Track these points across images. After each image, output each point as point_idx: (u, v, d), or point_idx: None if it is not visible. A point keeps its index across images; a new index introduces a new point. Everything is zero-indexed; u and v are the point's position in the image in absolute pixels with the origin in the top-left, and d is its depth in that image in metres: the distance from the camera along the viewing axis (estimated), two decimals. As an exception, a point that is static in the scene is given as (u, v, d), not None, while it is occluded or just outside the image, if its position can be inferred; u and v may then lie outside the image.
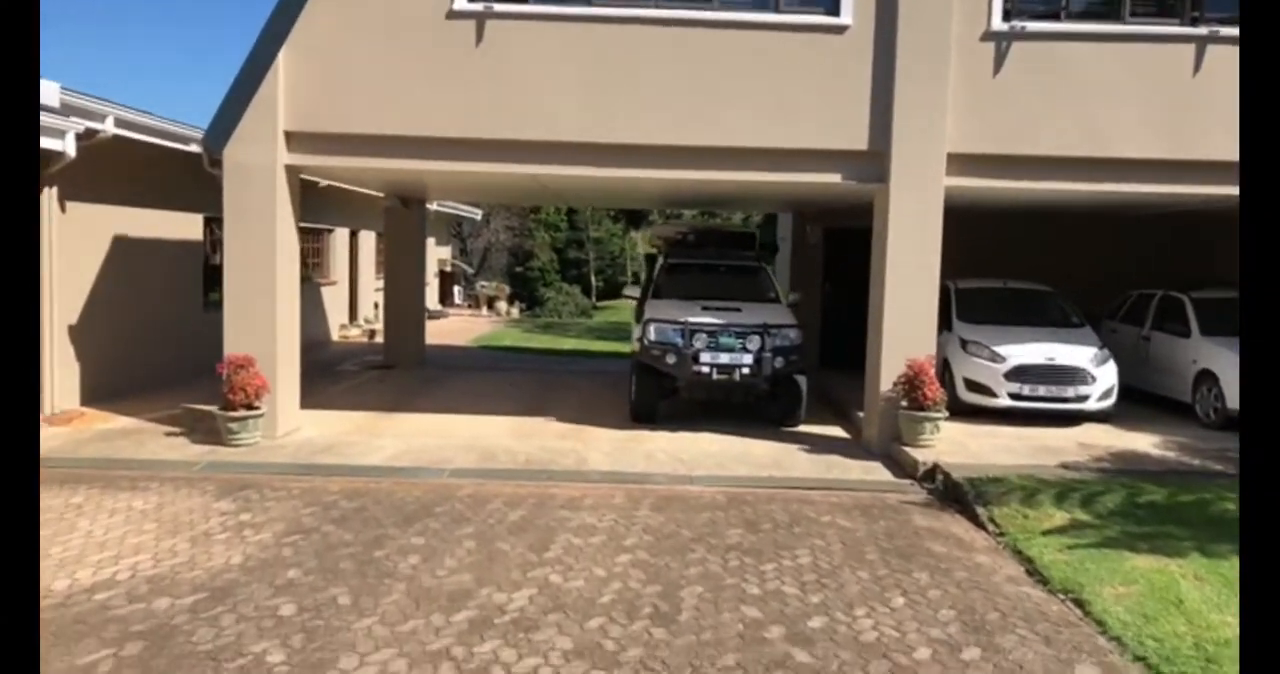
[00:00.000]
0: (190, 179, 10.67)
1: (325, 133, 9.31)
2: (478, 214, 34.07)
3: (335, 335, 19.18)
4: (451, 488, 7.75)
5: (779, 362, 10.00)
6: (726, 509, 7.34)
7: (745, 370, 9.93)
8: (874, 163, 9.40)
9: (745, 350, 10.00)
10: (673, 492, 7.85)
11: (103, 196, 10.84)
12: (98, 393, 10.68)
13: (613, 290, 64.78)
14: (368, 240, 21.20)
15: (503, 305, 29.34)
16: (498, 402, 11.95)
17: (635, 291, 11.65)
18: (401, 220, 15.24)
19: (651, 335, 10.17)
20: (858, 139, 9.30)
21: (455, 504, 7.25)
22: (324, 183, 15.82)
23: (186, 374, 11.96)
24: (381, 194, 15.52)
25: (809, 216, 15.00)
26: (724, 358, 9.94)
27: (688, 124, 9.22)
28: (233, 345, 9.25)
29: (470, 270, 34.34)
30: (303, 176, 13.38)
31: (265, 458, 8.56)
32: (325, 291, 18.65)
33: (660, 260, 11.81)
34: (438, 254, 27.91)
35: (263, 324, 9.31)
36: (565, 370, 15.66)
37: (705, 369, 9.92)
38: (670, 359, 9.97)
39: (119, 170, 11.06)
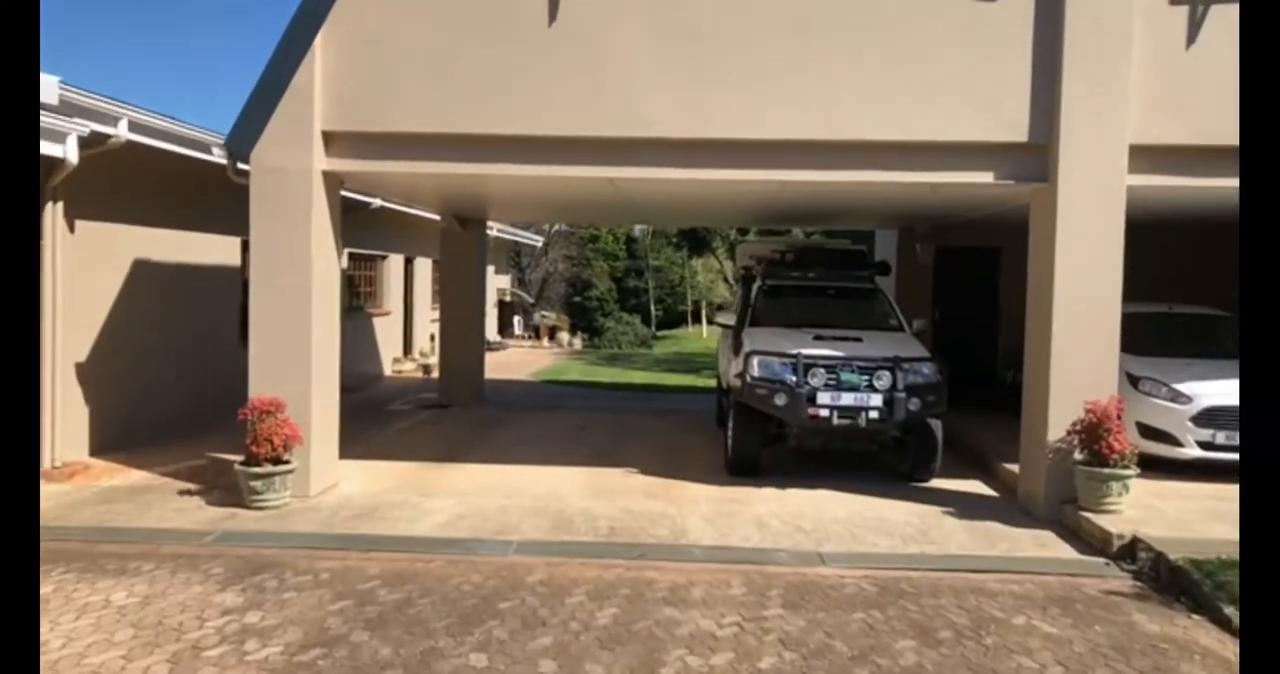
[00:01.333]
0: (226, 196, 9.27)
1: (370, 132, 7.83)
2: (538, 241, 32.80)
3: (389, 370, 17.77)
4: (519, 570, 6.07)
5: (914, 403, 8.18)
6: (883, 606, 5.54)
7: (873, 414, 8.13)
8: (1035, 157, 7.62)
9: (873, 389, 8.21)
10: (803, 577, 6.07)
11: (121, 215, 9.50)
12: (111, 441, 9.27)
13: (672, 320, 63.44)
14: (424, 268, 19.86)
15: (564, 336, 27.84)
16: (567, 448, 10.30)
17: (729, 319, 9.93)
18: (459, 244, 13.77)
19: (755, 371, 8.44)
20: (1015, 128, 7.53)
21: (526, 596, 5.57)
22: (376, 203, 14.50)
23: (219, 418, 10.48)
24: (437, 216, 14.09)
25: (919, 233, 13.18)
26: (847, 398, 8.16)
27: (802, 114, 7.55)
28: (259, 386, 7.75)
29: (530, 300, 32.99)
30: (349, 192, 12.05)
31: (292, 525, 6.99)
32: (378, 323, 17.28)
33: (757, 282, 10.10)
34: (497, 283, 26.58)
35: (295, 361, 7.80)
36: (639, 408, 13.97)
37: (824, 412, 8.15)
38: (780, 400, 8.23)
39: (140, 184, 9.73)
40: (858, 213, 11.79)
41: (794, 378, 8.27)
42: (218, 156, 9.33)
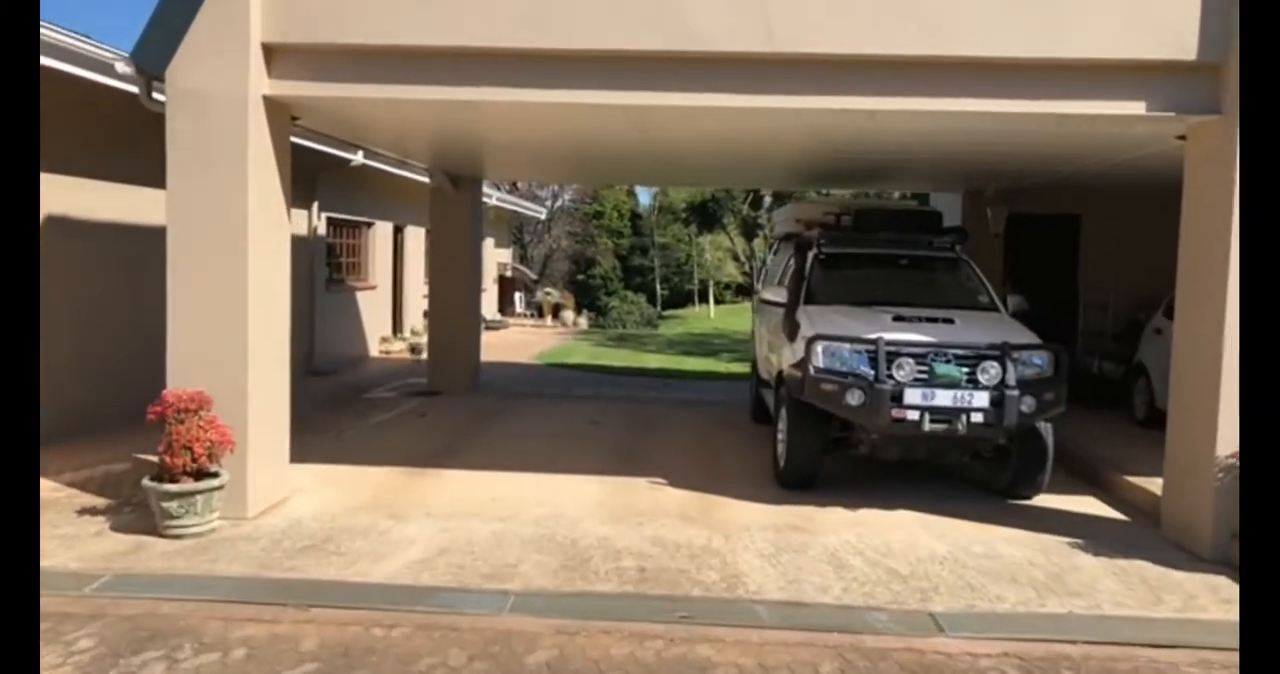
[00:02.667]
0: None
1: (326, 45, 5.98)
2: (541, 213, 30.93)
3: (375, 350, 15.97)
4: (518, 642, 4.29)
5: (1028, 404, 6.36)
6: (1054, 715, 3.77)
7: (977, 417, 6.32)
8: (1203, 81, 5.76)
9: (977, 386, 6.39)
10: (919, 654, 4.29)
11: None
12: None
13: (678, 299, 61.59)
14: (416, 238, 18.01)
15: (569, 315, 26.00)
16: (578, 448, 8.51)
17: (776, 294, 8.06)
18: (451, 207, 11.91)
19: (821, 361, 6.62)
20: (1179, 42, 5.67)
21: (527, 693, 3.80)
22: (357, 159, 12.64)
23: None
24: (426, 178, 12.23)
25: (988, 196, 11.31)
26: (943, 398, 6.34)
27: (904, 24, 5.70)
28: (179, 377, 5.96)
29: (533, 276, 31.14)
30: (325, 142, 10.21)
31: (214, 563, 5.21)
32: (362, 298, 15.46)
33: (811, 251, 8.25)
34: (497, 257, 24.72)
35: (226, 345, 5.98)
36: (658, 397, 12.16)
37: (912, 415, 6.33)
38: (854, 398, 6.41)
39: (61, 122, 7.88)
40: (923, 168, 9.89)
41: (873, 370, 6.45)
42: (120, 78, 7.31)
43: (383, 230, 16.34)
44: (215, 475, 5.71)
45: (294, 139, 11.22)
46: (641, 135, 7.37)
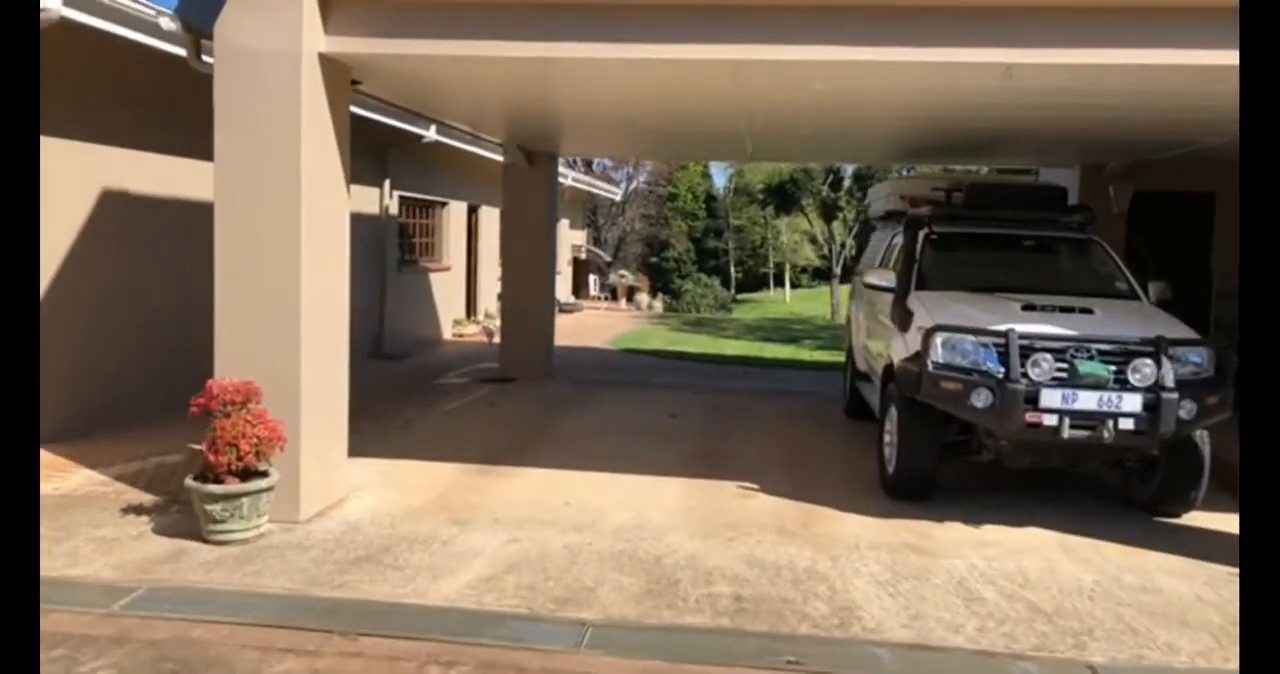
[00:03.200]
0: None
1: (387, -3, 5.35)
2: (616, 194, 30.33)
3: (448, 333, 15.53)
4: (597, 690, 3.63)
5: (1187, 409, 5.45)
6: None
7: (1127, 423, 5.43)
8: None
9: (1126, 387, 5.50)
10: (1087, 724, 3.50)
11: (79, 129, 7.24)
12: (81, 422, 7.11)
13: (752, 283, 60.50)
14: (490, 218, 17.47)
15: (644, 298, 25.34)
16: (657, 445, 7.83)
17: (881, 278, 7.21)
18: (525, 185, 11.28)
19: (941, 355, 5.79)
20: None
21: (609, 764, 3.12)
22: (430, 135, 12.12)
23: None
24: (500, 155, 11.63)
25: (1109, 172, 10.23)
26: (1087, 400, 5.46)
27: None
28: (228, 365, 5.43)
29: (607, 258, 30.56)
30: (392, 115, 9.69)
31: (258, 576, 4.66)
32: (435, 280, 15.00)
33: (923, 230, 7.38)
34: (572, 239, 24.16)
35: (276, 331, 5.43)
36: (741, 388, 11.40)
37: (1049, 419, 5.46)
38: (980, 399, 5.57)
39: (104, 89, 7.45)
40: (1040, 138, 8.82)
41: (1003, 367, 5.60)
42: (165, 39, 6.76)
43: (457, 210, 15.86)
44: (264, 475, 5.17)
45: (363, 111, 10.79)
46: (738, 98, 6.58)
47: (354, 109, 10.82)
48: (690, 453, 7.63)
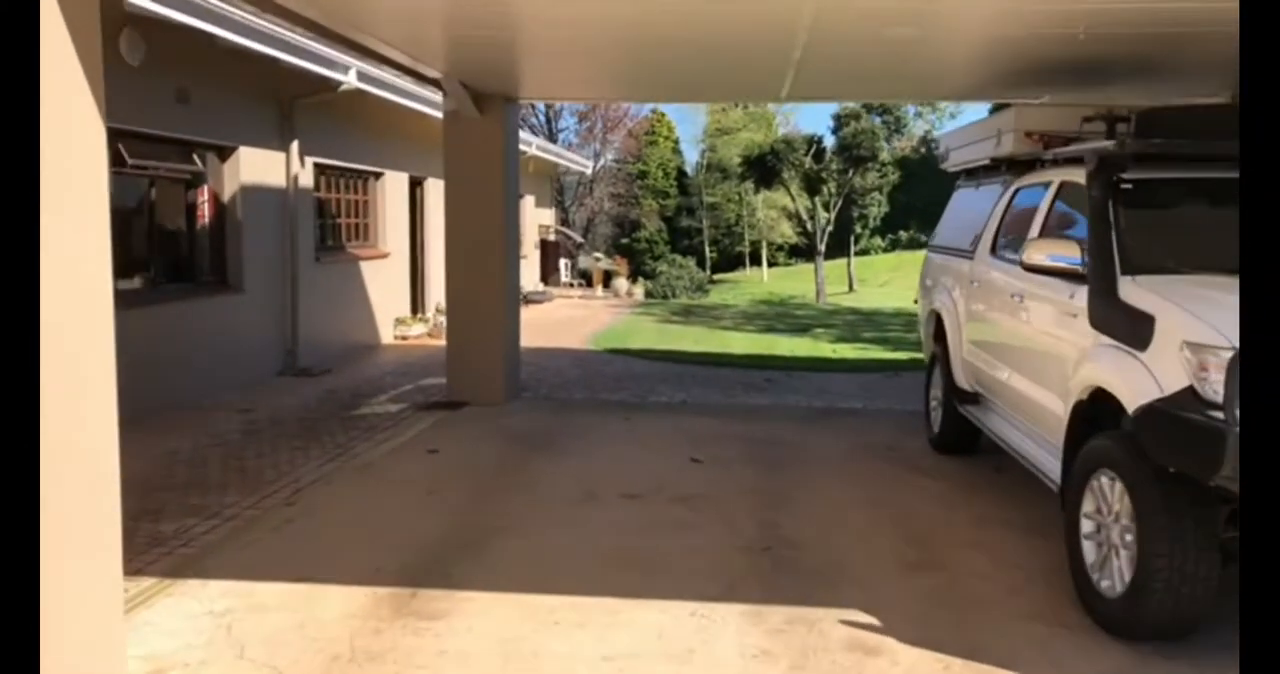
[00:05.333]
0: None
1: None
2: (587, 167, 27.39)
3: (388, 335, 12.57)
4: None
5: None
6: None
7: None
8: None
9: None
10: None
11: None
12: None
13: (728, 262, 57.78)
14: (439, 193, 14.34)
15: (622, 283, 22.38)
16: (683, 528, 5.00)
17: (1057, 253, 4.35)
18: (474, 140, 8.31)
19: (1224, 384, 3.02)
20: None
21: None
22: (349, 80, 9.21)
23: None
24: (437, 91, 8.63)
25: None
26: None
27: None
28: None
29: (579, 239, 27.57)
30: (288, 51, 6.64)
31: None
32: (369, 270, 12.01)
33: (1102, 180, 4.52)
34: (539, 218, 21.17)
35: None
36: (770, 405, 8.57)
37: None
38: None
39: None
40: (1187, 60, 6.02)
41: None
42: None
43: (395, 183, 12.84)
44: None
45: (256, 44, 7.80)
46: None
47: (236, 39, 7.85)
48: (739, 543, 4.79)
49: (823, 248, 40.23)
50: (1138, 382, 3.57)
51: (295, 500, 5.39)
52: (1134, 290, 3.89)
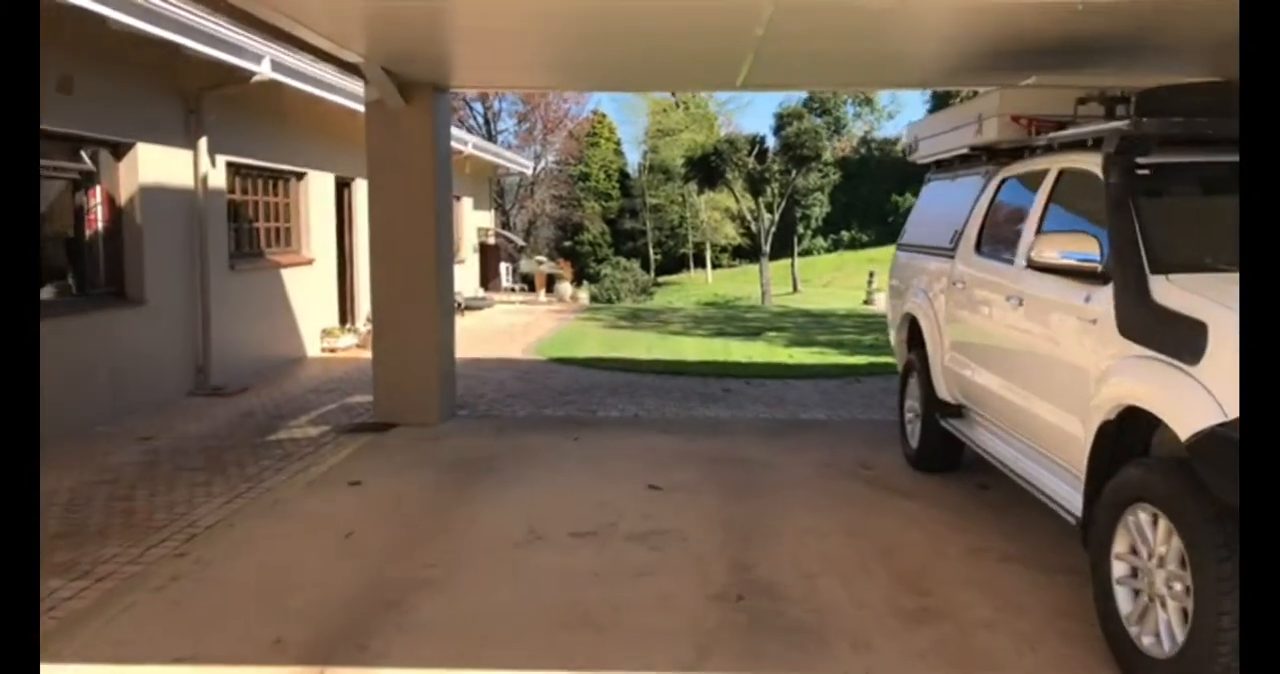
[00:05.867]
0: None
1: None
2: (528, 167, 26.62)
3: (314, 348, 11.69)
4: None
5: None
6: None
7: None
8: None
9: None
10: None
11: None
12: None
13: (671, 265, 57.29)
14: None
15: (566, 288, 21.62)
16: (645, 575, 4.31)
17: (1072, 249, 3.76)
18: (401, 133, 7.52)
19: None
20: None
21: None
22: (262, 70, 8.40)
23: None
24: (363, 82, 7.83)
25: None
26: None
27: None
28: None
29: (520, 242, 26.75)
30: (195, 39, 5.85)
31: None
32: (292, 278, 11.13)
33: (1119, 167, 3.95)
34: (478, 221, 20.34)
35: None
36: (730, 418, 7.94)
37: None
38: None
39: None
40: (1181, 39, 5.54)
41: None
42: None
43: (320, 184, 11.97)
44: None
45: (155, 28, 6.93)
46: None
47: (130, 21, 6.93)
48: (709, 590, 4.12)
49: (767, 249, 39.90)
50: (1190, 401, 2.98)
51: (187, 550, 4.59)
52: (1172, 292, 3.32)
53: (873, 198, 56.01)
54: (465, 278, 19.17)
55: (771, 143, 40.43)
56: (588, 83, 8.47)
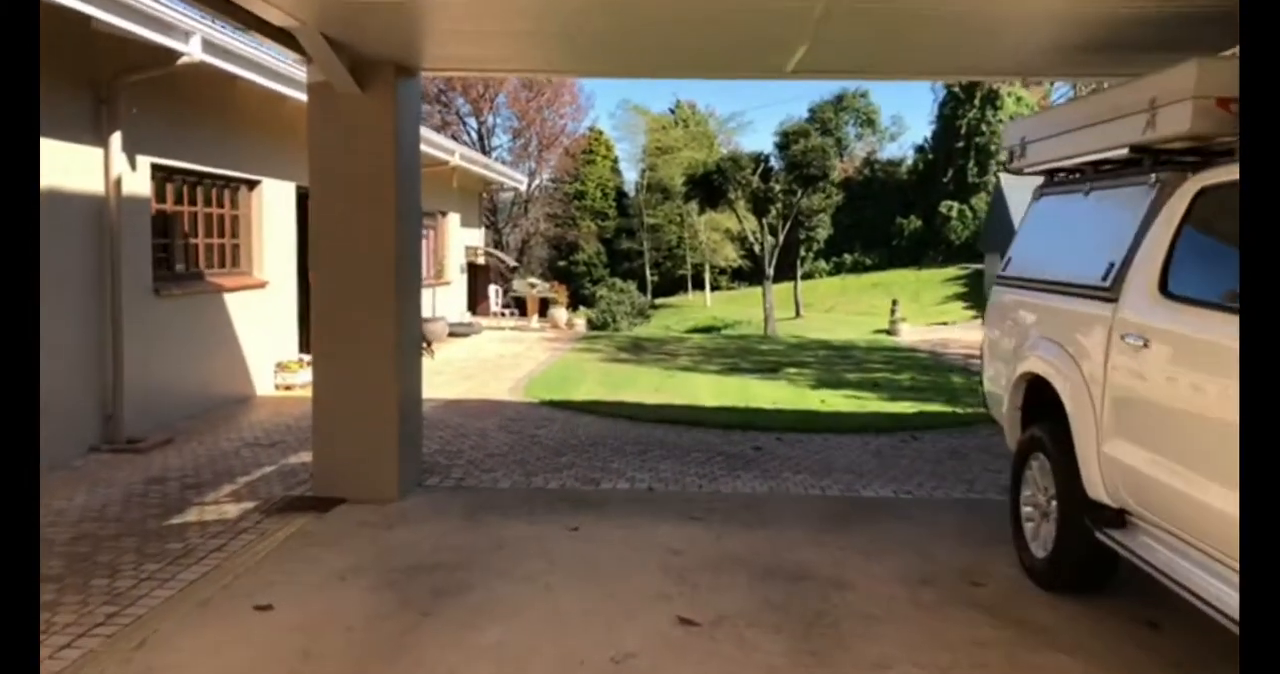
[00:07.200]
0: None
1: None
2: (521, 183, 25.07)
3: (266, 385, 9.99)
4: None
5: None
6: None
7: None
8: None
9: None
10: None
11: None
12: None
13: (668, 286, 55.73)
14: (338, 209, 11.91)
15: (561, 313, 19.89)
16: None
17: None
18: (352, 124, 5.85)
19: None
20: None
21: None
22: (189, 52, 6.78)
23: None
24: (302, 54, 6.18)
25: None
26: None
27: None
28: None
29: (512, 262, 25.09)
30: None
31: None
32: (238, 303, 9.43)
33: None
34: (466, 239, 18.68)
35: None
36: (768, 494, 6.24)
37: None
38: None
39: None
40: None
41: None
42: None
43: (277, 194, 10.31)
44: None
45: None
46: None
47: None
48: None
49: (771, 271, 38.27)
50: None
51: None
52: None
53: (877, 220, 54.63)
54: (451, 301, 17.49)
55: (775, 162, 38.92)
56: (604, 65, 6.81)
